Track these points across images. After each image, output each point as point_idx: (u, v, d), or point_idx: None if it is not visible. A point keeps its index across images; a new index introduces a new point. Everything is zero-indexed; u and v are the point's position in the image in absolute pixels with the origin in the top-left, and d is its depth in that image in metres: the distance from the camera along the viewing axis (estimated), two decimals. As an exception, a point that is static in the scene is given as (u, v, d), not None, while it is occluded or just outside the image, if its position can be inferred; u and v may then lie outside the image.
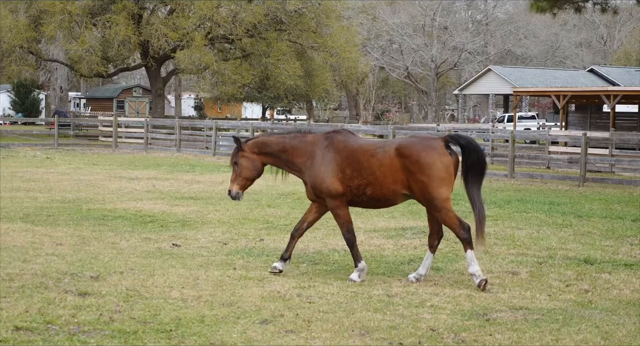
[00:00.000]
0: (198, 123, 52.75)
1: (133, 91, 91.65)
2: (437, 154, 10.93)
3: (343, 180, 11.23)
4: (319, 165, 11.36)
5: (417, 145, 11.06)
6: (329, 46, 56.71)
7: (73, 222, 15.99)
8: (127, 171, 29.01)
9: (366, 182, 11.15)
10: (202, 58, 53.34)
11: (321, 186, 11.35)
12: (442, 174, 10.91)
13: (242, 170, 11.77)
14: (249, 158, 11.76)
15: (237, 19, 53.44)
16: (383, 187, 11.11)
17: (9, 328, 8.22)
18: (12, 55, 55.23)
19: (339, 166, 11.25)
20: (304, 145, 11.60)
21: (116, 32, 53.16)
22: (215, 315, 9.07)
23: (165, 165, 32.85)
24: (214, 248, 13.59)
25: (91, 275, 10.75)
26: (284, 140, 11.75)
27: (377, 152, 11.14)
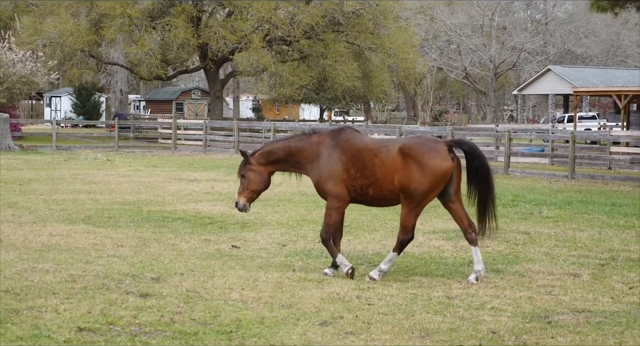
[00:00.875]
0: (256, 125, 52.98)
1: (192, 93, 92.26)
2: (439, 158, 11.02)
3: (347, 180, 11.36)
4: (325, 165, 11.48)
5: (422, 146, 11.16)
6: (387, 47, 56.59)
7: (134, 224, 16.13)
8: (186, 173, 29.22)
9: (368, 182, 11.27)
10: (260, 60, 53.57)
11: (325, 186, 11.50)
12: (438, 179, 11.01)
13: (250, 183, 11.90)
14: (256, 170, 11.89)
15: (294, 21, 53.58)
16: (383, 188, 11.23)
17: (72, 328, 8.31)
18: (73, 59, 55.94)
19: (344, 166, 11.36)
20: (309, 146, 11.71)
21: (175, 35, 53.62)
22: (275, 316, 9.09)
23: (224, 166, 33.01)
24: (273, 249, 13.63)
25: (152, 277, 10.84)
26: (289, 143, 11.88)
27: (381, 151, 11.24)
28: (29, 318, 8.62)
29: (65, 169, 29.39)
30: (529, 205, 20.53)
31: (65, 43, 54.13)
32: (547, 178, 29.90)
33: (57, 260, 11.79)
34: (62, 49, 54.55)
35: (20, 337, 7.99)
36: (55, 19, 55.61)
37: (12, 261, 11.56)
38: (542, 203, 20.81)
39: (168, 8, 55.65)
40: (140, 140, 51.64)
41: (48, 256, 12.18)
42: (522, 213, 19.01)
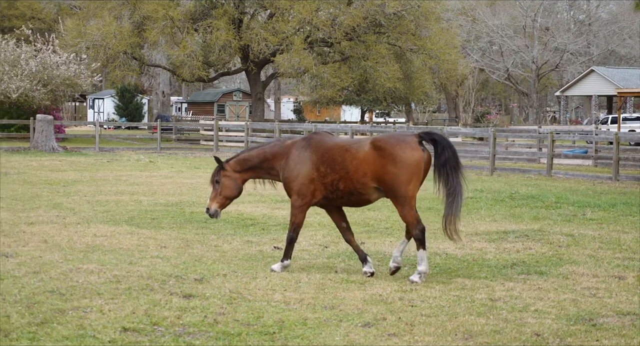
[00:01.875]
0: (297, 126, 53.08)
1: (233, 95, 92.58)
2: (410, 149, 11.15)
3: (317, 179, 11.45)
4: (294, 163, 11.59)
5: (392, 139, 11.34)
6: (428, 48, 56.42)
7: (176, 225, 16.22)
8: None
9: (339, 176, 11.36)
10: (301, 62, 53.64)
11: (291, 184, 11.61)
12: (412, 169, 11.12)
13: (223, 189, 12.06)
14: (231, 177, 12.04)
15: (336, 23, 53.61)
16: (354, 180, 11.30)
17: (117, 329, 8.38)
18: (116, 61, 56.37)
19: (314, 165, 11.47)
20: (282, 149, 11.85)
21: (217, 37, 53.84)
22: (318, 317, 9.10)
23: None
24: (315, 251, 13.64)
25: (195, 278, 10.89)
26: (265, 149, 12.03)
27: (352, 146, 11.40)
28: (75, 318, 8.71)
29: (108, 170, 29.63)
30: (573, 207, 20.38)
31: (108, 45, 54.55)
32: (591, 180, 29.65)
33: (101, 261, 11.89)
34: (105, 51, 54.99)
35: (66, 337, 8.07)
36: (99, 21, 56.08)
37: (57, 262, 11.67)
38: (585, 205, 20.65)
39: (210, 10, 55.91)
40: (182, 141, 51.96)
41: (92, 257, 12.29)
42: (565, 215, 18.88)
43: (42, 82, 49.87)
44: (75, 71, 51.30)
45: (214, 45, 55.08)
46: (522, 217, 18.31)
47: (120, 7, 56.99)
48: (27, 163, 32.24)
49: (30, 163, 32.28)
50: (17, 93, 48.77)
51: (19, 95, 48.88)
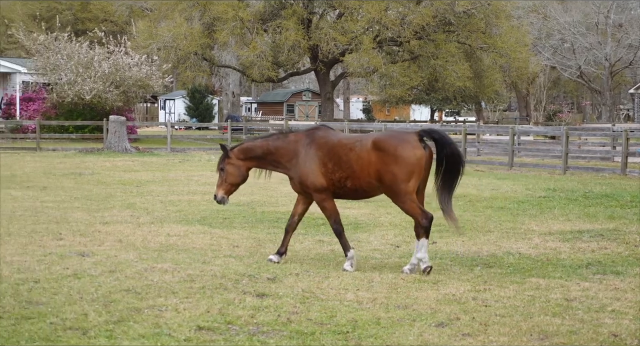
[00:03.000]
0: (367, 126, 53.05)
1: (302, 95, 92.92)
2: (410, 147, 11.41)
3: (325, 174, 11.79)
4: (304, 162, 11.92)
5: (393, 138, 11.62)
6: (499, 46, 55.99)
7: (248, 225, 16.31)
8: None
9: (346, 175, 11.71)
10: (370, 61, 53.62)
11: (307, 182, 11.92)
12: (413, 167, 11.39)
13: (228, 176, 12.41)
14: (235, 164, 12.38)
15: (405, 21, 53.48)
16: (361, 179, 11.64)
17: (192, 327, 8.45)
18: (187, 62, 56.91)
19: (321, 161, 11.82)
20: (287, 145, 12.15)
21: (286, 37, 54.05)
22: (391, 317, 9.07)
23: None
24: (387, 250, 13.62)
25: (268, 277, 10.94)
26: (268, 142, 12.30)
27: (355, 146, 11.67)
28: (150, 317, 8.80)
29: (180, 171, 29.92)
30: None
31: (179, 46, 55.09)
32: (666, 179, 29.15)
33: (175, 260, 12.00)
34: (176, 52, 55.54)
35: (142, 335, 8.16)
36: (170, 22, 56.66)
37: (132, 261, 11.81)
38: (661, 204, 20.31)
39: (279, 10, 56.15)
40: (252, 141, 52.18)
41: (166, 256, 12.41)
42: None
43: (114, 84, 50.56)
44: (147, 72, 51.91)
45: (283, 46, 55.31)
46: (596, 216, 18.07)
47: (190, 8, 57.50)
48: (100, 164, 32.70)
49: (104, 164, 32.74)
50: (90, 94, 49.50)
51: (92, 96, 49.60)
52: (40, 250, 12.72)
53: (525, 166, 34.03)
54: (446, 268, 11.97)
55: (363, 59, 53.36)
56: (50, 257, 12.07)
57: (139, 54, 52.88)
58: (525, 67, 60.92)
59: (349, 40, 53.98)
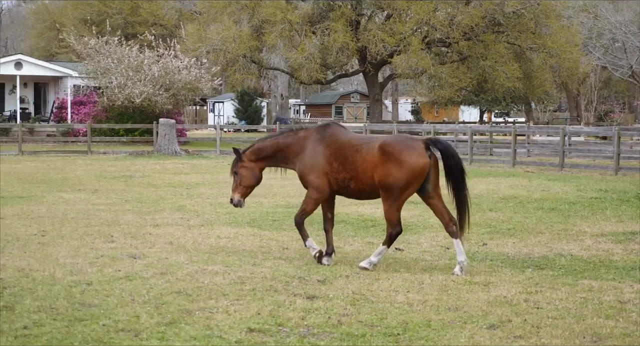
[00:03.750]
0: (416, 127, 52.89)
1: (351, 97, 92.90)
2: (416, 155, 11.51)
3: (330, 173, 11.99)
4: (309, 157, 12.13)
5: (400, 143, 11.70)
6: (549, 47, 55.54)
7: (297, 227, 16.29)
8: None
9: (350, 176, 11.88)
10: (419, 62, 53.46)
11: (307, 177, 12.16)
12: (415, 175, 11.48)
13: (242, 179, 12.66)
14: (248, 167, 12.64)
15: (454, 22, 53.26)
16: (363, 181, 11.80)
17: (242, 329, 8.48)
18: (235, 65, 57.15)
19: (327, 159, 12.00)
20: (297, 141, 12.38)
21: (335, 39, 54.07)
22: (442, 319, 9.03)
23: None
24: (437, 252, 13.57)
25: (318, 279, 10.94)
26: (278, 140, 12.58)
27: (362, 147, 11.83)
28: (201, 319, 8.84)
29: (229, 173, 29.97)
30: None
31: (228, 49, 55.34)
32: None
33: (225, 262, 12.05)
34: (225, 55, 55.80)
35: (193, 337, 8.21)
36: (219, 26, 56.95)
37: (183, 263, 11.88)
38: None
39: (327, 12, 56.18)
40: (301, 143, 52.25)
41: (217, 258, 12.47)
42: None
43: (164, 87, 50.92)
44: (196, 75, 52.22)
45: (331, 48, 55.35)
46: (649, 218, 17.86)
47: (239, 11, 57.75)
48: (150, 167, 32.96)
49: (154, 167, 32.99)
50: (140, 98, 49.90)
51: (142, 99, 50.01)
52: (92, 252, 12.84)
53: (576, 167, 33.72)
54: (497, 270, 11.89)
55: (411, 60, 53.21)
56: (102, 259, 12.18)
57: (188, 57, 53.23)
58: (576, 67, 60.36)
59: (398, 41, 53.87)
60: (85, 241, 14.01)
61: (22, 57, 58.97)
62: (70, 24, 77.82)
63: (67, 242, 13.91)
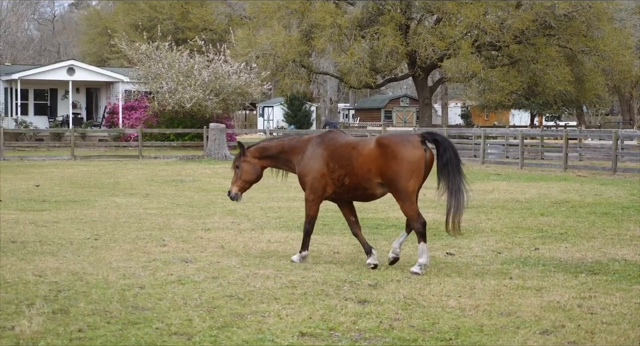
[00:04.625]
0: (466, 131, 52.64)
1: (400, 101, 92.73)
2: (412, 147, 11.77)
3: (327, 174, 12.23)
4: (308, 159, 12.41)
5: (396, 137, 12.06)
6: (601, 50, 55.02)
7: (348, 231, 16.21)
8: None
9: (345, 172, 12.11)
10: (469, 66, 53.25)
11: (305, 178, 12.43)
12: (413, 166, 11.71)
13: (243, 174, 12.99)
14: (250, 162, 12.97)
15: (504, 26, 52.99)
16: (359, 176, 12.01)
17: (294, 333, 8.49)
18: (285, 69, 57.35)
19: (324, 161, 12.26)
20: (299, 144, 12.69)
21: (384, 43, 54.04)
22: (494, 324, 8.97)
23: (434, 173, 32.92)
24: (488, 257, 13.48)
25: (369, 283, 10.92)
26: (283, 142, 12.91)
27: (359, 144, 12.16)
28: (253, 323, 8.87)
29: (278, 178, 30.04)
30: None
31: (277, 54, 55.55)
32: None
33: (276, 266, 12.08)
34: (275, 59, 56.02)
35: (246, 341, 8.23)
36: (268, 30, 57.19)
37: (234, 267, 11.93)
38: None
39: (377, 16, 56.16)
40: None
41: (268, 262, 12.50)
42: None
43: (214, 92, 51.22)
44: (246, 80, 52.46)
45: (381, 52, 55.33)
46: None
47: (289, 16, 57.94)
48: (201, 171, 33.14)
49: (204, 171, 33.16)
50: (190, 102, 50.24)
51: (192, 104, 50.34)
52: (144, 256, 12.94)
53: (630, 171, 33.34)
54: (549, 275, 11.78)
55: (461, 64, 53.03)
56: (155, 263, 12.27)
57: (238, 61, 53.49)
58: (629, 70, 59.71)
59: (447, 45, 53.71)
60: (137, 245, 14.13)
61: (74, 63, 59.71)
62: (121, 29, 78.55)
63: (120, 245, 14.05)
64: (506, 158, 41.90)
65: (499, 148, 44.98)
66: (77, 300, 9.72)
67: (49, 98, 60.91)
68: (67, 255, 12.94)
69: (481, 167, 37.64)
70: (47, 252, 13.32)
